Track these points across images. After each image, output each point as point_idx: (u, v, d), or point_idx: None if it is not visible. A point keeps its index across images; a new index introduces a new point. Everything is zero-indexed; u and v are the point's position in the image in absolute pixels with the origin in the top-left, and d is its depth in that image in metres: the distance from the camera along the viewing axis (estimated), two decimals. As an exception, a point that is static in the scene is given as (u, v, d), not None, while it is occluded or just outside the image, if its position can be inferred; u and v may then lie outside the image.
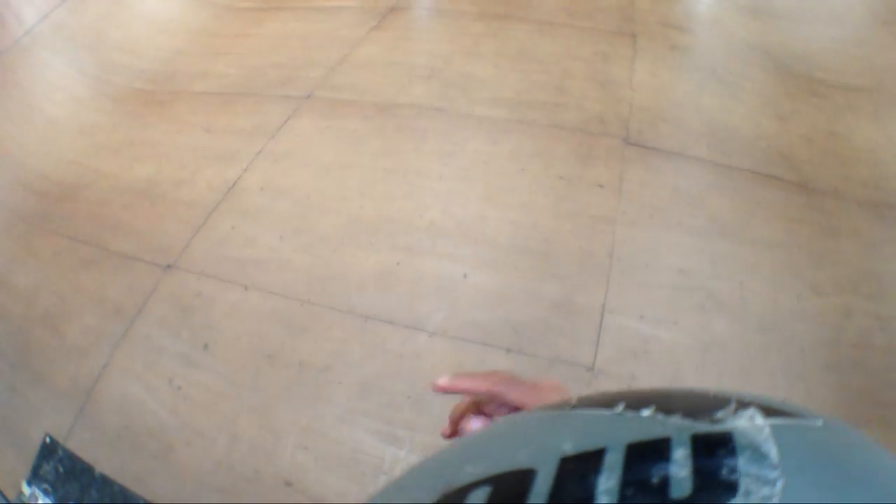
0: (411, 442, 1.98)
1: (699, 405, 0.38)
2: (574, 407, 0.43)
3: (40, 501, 2.08)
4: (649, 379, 2.09)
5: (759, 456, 0.32)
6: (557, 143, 2.77)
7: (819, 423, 0.37)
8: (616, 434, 0.37)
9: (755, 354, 2.16)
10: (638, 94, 3.11)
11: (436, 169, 2.66)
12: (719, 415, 0.36)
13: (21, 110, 3.31)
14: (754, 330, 2.20)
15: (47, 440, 2.17)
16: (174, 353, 2.23)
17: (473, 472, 0.38)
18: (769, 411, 0.37)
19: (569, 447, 0.36)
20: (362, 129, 2.88)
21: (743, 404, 0.37)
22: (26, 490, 2.11)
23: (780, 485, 0.30)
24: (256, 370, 2.14)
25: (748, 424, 0.35)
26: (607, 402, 0.41)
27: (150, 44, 3.59)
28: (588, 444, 0.36)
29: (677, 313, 2.21)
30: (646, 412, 0.38)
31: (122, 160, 2.89)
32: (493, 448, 0.43)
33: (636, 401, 0.40)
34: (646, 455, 0.34)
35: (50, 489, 2.09)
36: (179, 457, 2.03)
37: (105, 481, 2.07)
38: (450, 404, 2.14)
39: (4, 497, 2.14)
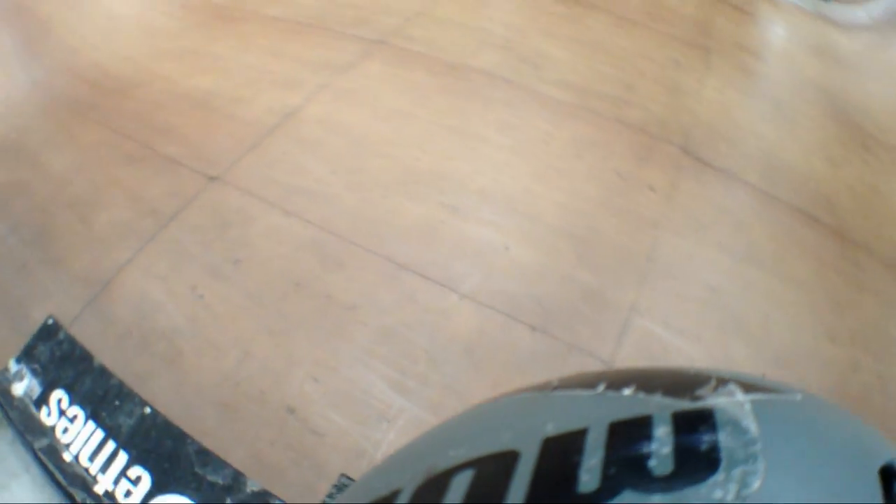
0: (420, 396, 2.00)
1: (679, 383, 0.39)
2: (555, 388, 0.44)
3: (25, 381, 2.07)
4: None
5: (740, 431, 0.34)
6: (618, 138, 2.79)
7: (798, 397, 0.39)
8: (598, 414, 0.38)
9: (766, 387, 2.19)
10: (703, 107, 3.13)
11: (496, 138, 2.67)
12: (700, 392, 0.37)
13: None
14: (770, 362, 2.23)
15: (49, 322, 2.16)
16: (203, 262, 2.24)
17: (456, 455, 0.39)
18: (748, 387, 0.38)
19: (551, 428, 0.38)
20: (430, 83, 2.90)
21: (722, 381, 0.39)
22: (12, 367, 2.10)
23: (760, 459, 0.32)
24: (283, 294, 2.15)
25: (728, 401, 0.36)
26: (588, 382, 0.42)
27: None
28: (570, 425, 0.37)
29: (701, 328, 2.23)
30: (627, 391, 0.39)
31: (182, 67, 2.89)
32: (476, 431, 0.44)
33: (617, 381, 0.41)
34: (628, 434, 0.35)
35: (39, 370, 2.07)
36: (187, 363, 2.05)
37: (103, 373, 2.07)
38: (466, 369, 2.14)
39: (-15, 371, 2.13)
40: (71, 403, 2.01)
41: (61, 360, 2.11)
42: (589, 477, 0.33)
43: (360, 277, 2.18)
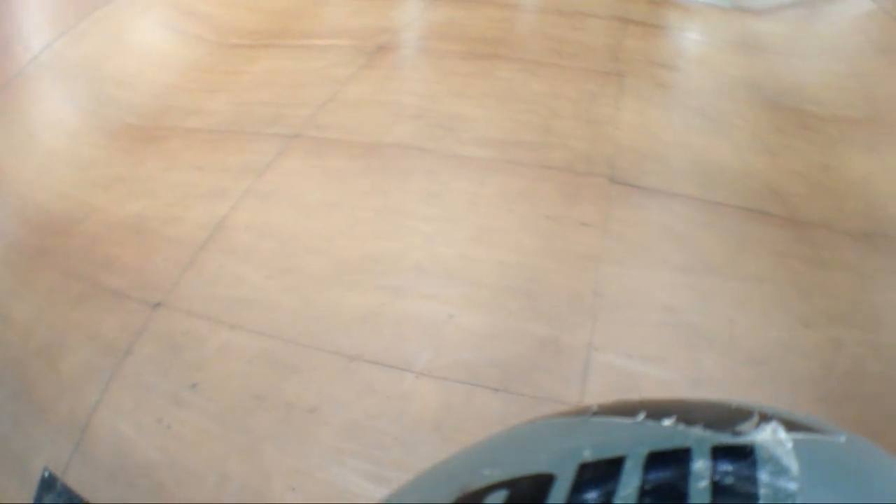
0: (400, 483, 1.97)
1: (721, 417, 0.38)
2: (594, 414, 0.43)
3: None
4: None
5: (781, 469, 0.32)
6: (544, 183, 2.78)
7: (842, 439, 0.37)
8: (636, 442, 0.37)
9: (745, 389, 2.16)
10: (624, 132, 3.13)
11: (422, 209, 2.66)
12: (741, 427, 0.36)
13: (24, 142, 3.32)
14: (743, 364, 2.20)
15: (46, 475, 2.17)
16: (163, 391, 2.23)
17: (491, 475, 0.39)
18: (792, 426, 0.37)
19: (588, 454, 0.37)
20: (349, 168, 2.89)
21: (765, 417, 0.37)
22: None
23: (800, 499, 0.31)
24: (245, 410, 2.13)
25: (770, 438, 0.35)
26: (628, 410, 0.41)
27: (143, 78, 3.59)
28: (607, 452, 0.36)
29: (665, 350, 2.20)
30: (667, 422, 0.38)
31: (114, 196, 2.90)
32: (512, 452, 0.44)
33: (657, 410, 0.40)
34: (665, 464, 0.34)
35: None
36: (172, 496, 2.03)
37: None
38: (439, 446, 2.14)
39: (9, 529, 2.15)
40: (86, 551, 2.02)
41: (66, 510, 2.12)
42: None
43: (315, 378, 2.16)
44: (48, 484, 2.17)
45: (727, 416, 0.38)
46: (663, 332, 2.24)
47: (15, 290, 2.74)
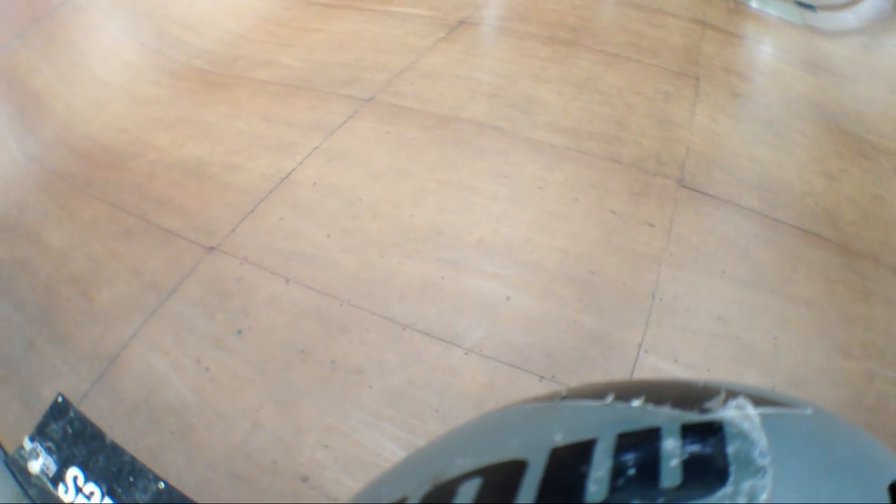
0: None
1: (689, 395, 0.39)
2: (564, 398, 0.43)
3: (41, 459, 2.07)
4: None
5: (749, 444, 0.33)
6: (613, 177, 2.78)
7: (808, 411, 0.38)
8: (606, 424, 0.37)
9: (782, 412, 2.16)
10: (696, 137, 3.13)
11: (490, 188, 2.66)
12: (709, 404, 0.37)
13: (72, 69, 3.30)
14: (783, 385, 2.21)
15: (59, 399, 2.16)
16: (206, 334, 2.23)
17: (464, 464, 0.39)
18: (758, 401, 0.37)
19: (559, 438, 0.37)
20: (421, 138, 2.89)
21: (732, 394, 0.38)
22: (27, 445, 2.09)
23: (769, 472, 0.31)
24: (288, 363, 2.14)
25: (738, 414, 0.36)
26: (597, 393, 0.41)
27: (213, 24, 3.58)
28: (578, 435, 0.37)
29: (711, 360, 2.21)
30: (636, 402, 0.39)
31: (174, 136, 2.90)
32: (484, 440, 0.44)
33: (626, 392, 0.40)
34: (636, 445, 0.35)
35: (54, 448, 2.07)
36: (198, 437, 2.03)
37: (115, 449, 2.06)
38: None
39: (3, 449, 2.12)
40: (87, 480, 2.00)
41: (74, 437, 2.10)
42: (597, 488, 0.33)
43: (364, 340, 2.16)
44: (60, 409, 2.16)
45: (695, 395, 0.39)
46: (711, 342, 2.25)
47: (54, 216, 2.72)
